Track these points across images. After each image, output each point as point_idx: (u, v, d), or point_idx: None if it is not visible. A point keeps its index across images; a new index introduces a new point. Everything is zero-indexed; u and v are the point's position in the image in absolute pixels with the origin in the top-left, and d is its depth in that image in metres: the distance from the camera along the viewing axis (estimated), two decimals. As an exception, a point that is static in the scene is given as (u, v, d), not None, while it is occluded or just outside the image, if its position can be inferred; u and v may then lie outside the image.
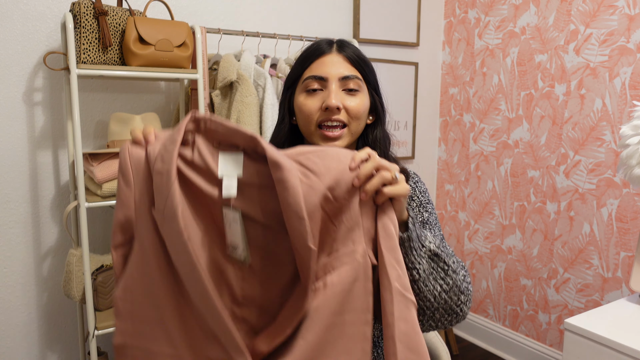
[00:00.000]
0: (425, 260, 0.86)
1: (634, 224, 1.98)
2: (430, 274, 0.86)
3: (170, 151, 0.79)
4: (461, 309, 0.90)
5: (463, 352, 2.61)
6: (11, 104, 1.69)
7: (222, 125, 0.81)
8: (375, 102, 1.05)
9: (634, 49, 1.95)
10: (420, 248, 0.86)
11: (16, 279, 1.76)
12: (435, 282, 0.87)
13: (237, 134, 0.81)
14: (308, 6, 2.28)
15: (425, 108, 2.80)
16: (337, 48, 1.02)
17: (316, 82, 0.99)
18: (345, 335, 0.80)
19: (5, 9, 1.65)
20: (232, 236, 0.82)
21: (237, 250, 0.82)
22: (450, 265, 0.88)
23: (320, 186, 0.80)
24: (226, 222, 0.82)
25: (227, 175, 0.81)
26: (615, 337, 1.30)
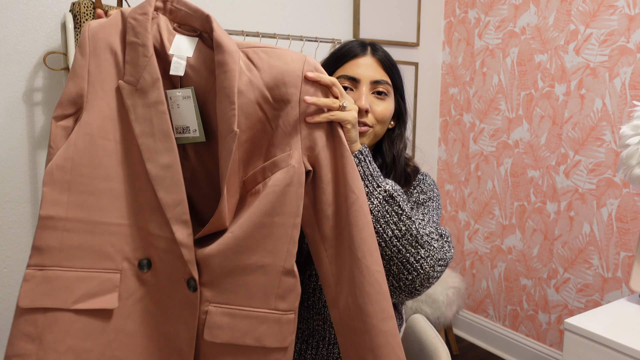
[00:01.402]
0: (378, 200, 0.88)
1: (634, 224, 1.98)
2: (382, 216, 0.88)
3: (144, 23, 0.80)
4: (421, 265, 0.88)
5: (463, 352, 2.61)
6: (11, 104, 1.69)
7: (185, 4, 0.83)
8: (400, 107, 1.10)
9: (634, 49, 1.95)
10: (375, 187, 0.88)
11: (16, 279, 1.76)
12: (386, 225, 0.88)
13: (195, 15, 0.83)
14: (308, 6, 2.28)
15: (425, 108, 2.80)
16: (371, 51, 1.06)
17: (348, 82, 1.03)
18: (273, 235, 0.83)
19: (5, 9, 1.65)
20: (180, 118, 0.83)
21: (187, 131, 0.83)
22: (406, 211, 0.88)
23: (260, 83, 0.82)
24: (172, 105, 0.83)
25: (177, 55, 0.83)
26: (615, 337, 1.30)
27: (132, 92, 0.80)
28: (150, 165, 0.80)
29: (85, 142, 0.79)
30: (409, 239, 0.87)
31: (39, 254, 0.78)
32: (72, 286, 0.79)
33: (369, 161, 0.90)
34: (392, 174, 1.07)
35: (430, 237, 0.90)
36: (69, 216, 0.79)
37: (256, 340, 0.85)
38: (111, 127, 0.81)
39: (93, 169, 0.80)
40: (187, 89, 0.83)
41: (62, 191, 0.79)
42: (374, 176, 0.89)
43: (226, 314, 0.84)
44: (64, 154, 0.79)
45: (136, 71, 0.79)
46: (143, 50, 0.79)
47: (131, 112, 0.80)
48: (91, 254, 0.81)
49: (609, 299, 2.08)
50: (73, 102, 0.80)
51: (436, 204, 1.05)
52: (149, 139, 0.80)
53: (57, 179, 0.79)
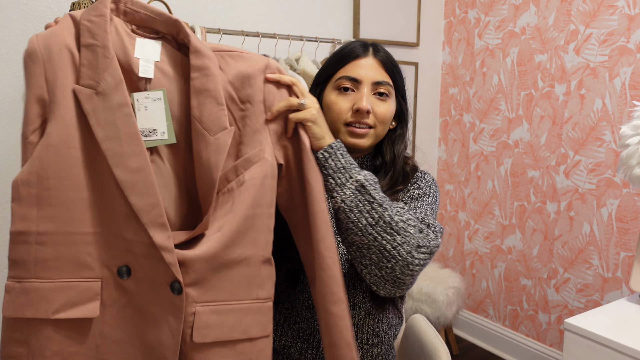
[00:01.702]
0: (350, 190, 0.90)
1: (634, 224, 1.98)
2: (355, 206, 0.89)
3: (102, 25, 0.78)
4: (398, 252, 0.88)
5: (463, 352, 2.61)
6: (11, 104, 1.69)
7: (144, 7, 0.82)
8: (402, 108, 1.11)
9: (634, 49, 1.95)
10: (348, 179, 0.90)
11: (16, 279, 1.76)
12: (360, 214, 0.89)
13: (159, 19, 0.82)
14: (308, 6, 2.28)
15: (425, 108, 2.80)
16: (373, 52, 1.06)
17: (349, 82, 1.03)
18: (254, 227, 0.86)
19: (5, 9, 1.65)
20: (146, 121, 0.82)
21: (154, 134, 0.82)
22: (377, 199, 0.90)
23: (228, 86, 0.85)
24: (138, 107, 0.81)
25: (144, 58, 0.82)
26: (615, 337, 1.30)
27: (91, 96, 0.77)
28: (118, 170, 0.78)
29: (50, 154, 0.78)
30: (383, 225, 0.88)
31: (15, 266, 0.78)
32: (50, 297, 0.79)
33: (341, 154, 0.92)
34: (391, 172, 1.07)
35: (406, 224, 0.90)
36: (40, 230, 0.78)
37: (243, 333, 0.86)
38: (74, 134, 0.79)
39: (61, 180, 0.79)
40: (157, 91, 0.82)
41: (31, 206, 0.78)
42: (347, 168, 0.91)
43: (214, 311, 0.84)
44: (29, 169, 0.77)
45: (96, 74, 0.77)
46: (103, 52, 0.77)
47: (91, 117, 0.77)
48: (68, 265, 0.80)
49: (609, 299, 2.08)
50: (38, 114, 0.78)
51: (432, 200, 1.05)
52: (114, 144, 0.78)
53: (23, 194, 0.77)
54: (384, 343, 1.10)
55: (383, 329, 1.08)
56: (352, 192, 0.90)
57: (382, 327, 1.08)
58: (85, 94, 0.77)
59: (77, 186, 0.80)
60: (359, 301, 1.04)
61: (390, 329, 1.11)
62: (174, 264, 0.80)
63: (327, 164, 0.91)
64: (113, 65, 0.77)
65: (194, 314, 0.83)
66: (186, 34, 0.82)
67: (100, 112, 0.77)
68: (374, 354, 1.08)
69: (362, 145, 1.04)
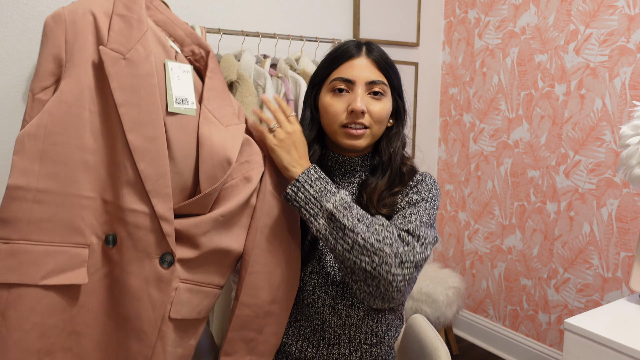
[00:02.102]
0: (323, 219, 0.91)
1: (634, 224, 1.98)
2: (330, 234, 0.91)
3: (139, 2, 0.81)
4: (378, 272, 0.88)
5: (463, 352, 2.61)
6: (11, 104, 1.69)
7: (167, 11, 0.89)
8: (398, 106, 1.11)
9: (634, 49, 1.95)
10: (319, 209, 0.91)
11: (16, 279, 1.76)
12: (335, 242, 0.90)
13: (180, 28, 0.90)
14: (308, 6, 2.28)
15: (425, 108, 2.80)
16: (366, 52, 1.06)
17: (343, 84, 1.04)
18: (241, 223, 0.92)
19: (5, 9, 1.65)
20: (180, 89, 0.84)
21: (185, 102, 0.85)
22: (348, 226, 0.90)
23: None
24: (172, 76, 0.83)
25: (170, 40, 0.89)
26: (615, 337, 1.30)
27: (117, 59, 0.77)
28: (132, 135, 0.77)
29: (61, 111, 0.76)
30: (358, 249, 0.89)
31: (5, 226, 0.74)
32: (40, 261, 0.75)
33: (310, 185, 0.92)
34: (389, 172, 1.07)
35: (382, 243, 0.89)
36: (40, 187, 0.75)
37: (197, 314, 0.89)
38: (88, 96, 0.78)
39: (68, 138, 0.77)
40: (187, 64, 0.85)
41: (34, 160, 0.75)
42: (317, 198, 0.92)
43: (188, 290, 0.87)
44: (37, 122, 0.75)
45: (127, 41, 0.78)
46: (138, 25, 0.79)
47: (113, 80, 0.77)
48: (61, 228, 0.77)
49: (609, 299, 2.08)
50: (51, 73, 0.78)
51: (429, 204, 1.05)
52: (133, 109, 0.78)
53: (28, 147, 0.75)
54: (384, 344, 1.09)
55: (382, 329, 1.08)
56: (324, 221, 0.91)
57: (381, 327, 1.08)
58: (111, 57, 0.77)
59: (82, 147, 0.78)
60: (357, 301, 1.04)
61: (390, 329, 1.11)
62: (171, 235, 0.80)
63: (297, 198, 0.92)
64: (147, 38, 0.79)
65: (175, 290, 0.84)
66: (205, 45, 0.89)
67: (124, 77, 0.78)
68: (373, 354, 1.08)
69: (358, 145, 1.04)
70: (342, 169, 1.10)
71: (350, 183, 1.10)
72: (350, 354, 1.06)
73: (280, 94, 1.87)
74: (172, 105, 0.82)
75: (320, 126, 1.09)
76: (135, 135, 0.77)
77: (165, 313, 0.83)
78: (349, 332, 1.05)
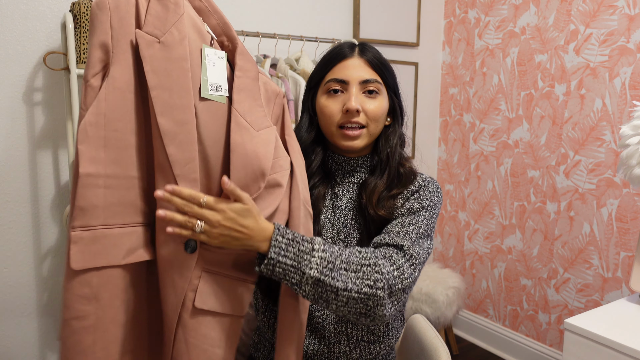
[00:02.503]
0: (308, 286, 0.86)
1: (634, 224, 1.98)
2: (320, 297, 0.87)
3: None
4: (374, 312, 0.89)
5: (463, 352, 2.61)
6: (11, 104, 1.69)
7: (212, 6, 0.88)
8: (394, 104, 1.11)
9: (634, 49, 1.95)
10: (302, 276, 0.85)
11: (16, 279, 1.76)
12: (327, 303, 0.88)
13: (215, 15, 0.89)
14: (308, 6, 2.28)
15: (425, 108, 2.80)
16: (359, 52, 1.07)
17: (337, 84, 1.04)
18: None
19: (5, 9, 1.65)
20: (215, 76, 0.84)
21: (219, 90, 0.84)
22: (339, 287, 0.86)
23: None
24: (208, 62, 0.83)
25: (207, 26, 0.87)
26: (615, 337, 1.30)
27: (151, 43, 0.78)
28: (163, 119, 0.78)
29: (116, 97, 0.78)
30: (353, 302, 0.88)
31: (82, 214, 0.77)
32: (119, 242, 0.80)
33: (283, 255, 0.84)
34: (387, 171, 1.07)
35: (374, 288, 0.88)
36: (108, 173, 0.78)
37: (231, 309, 0.87)
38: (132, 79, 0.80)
39: (125, 123, 0.79)
40: (222, 51, 0.85)
41: (98, 148, 0.78)
42: (296, 267, 0.84)
43: (215, 281, 0.85)
44: (96, 110, 0.78)
45: (163, 25, 0.79)
46: (175, 8, 0.80)
47: (147, 63, 0.78)
48: (129, 209, 0.81)
49: (609, 299, 2.08)
50: (100, 59, 0.79)
51: (429, 213, 1.04)
52: (165, 93, 0.78)
53: (91, 135, 0.77)
54: (383, 342, 1.10)
55: (380, 328, 1.08)
56: (310, 287, 0.85)
57: (379, 326, 1.08)
58: (145, 40, 0.78)
59: (136, 130, 0.81)
60: None
61: (390, 330, 1.11)
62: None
63: (275, 273, 0.85)
64: (182, 22, 0.79)
65: (199, 278, 0.83)
66: (234, 38, 0.87)
67: (157, 61, 0.78)
68: (372, 351, 1.08)
69: (356, 146, 1.04)
70: (342, 169, 1.11)
71: (351, 183, 1.11)
72: (350, 351, 1.06)
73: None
74: (207, 91, 0.82)
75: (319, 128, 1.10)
76: (165, 119, 0.78)
77: (188, 300, 0.83)
78: (346, 330, 1.05)
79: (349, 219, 1.08)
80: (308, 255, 0.85)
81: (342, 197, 1.10)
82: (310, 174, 1.06)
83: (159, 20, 0.79)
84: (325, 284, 0.85)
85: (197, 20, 0.84)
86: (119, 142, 0.79)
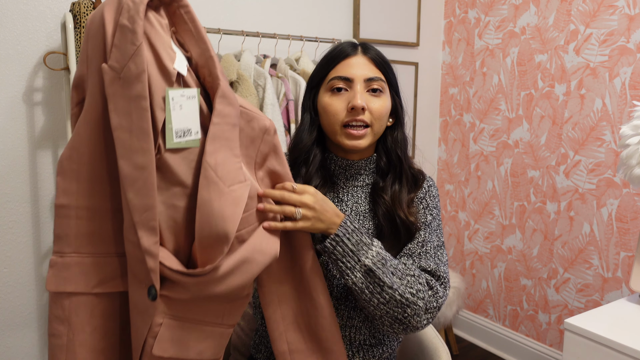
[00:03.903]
0: (360, 273, 0.92)
1: (634, 224, 1.98)
2: (366, 287, 0.93)
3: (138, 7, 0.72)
4: (409, 321, 0.95)
5: (463, 352, 2.61)
6: (11, 104, 1.69)
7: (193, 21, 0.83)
8: (396, 104, 1.10)
9: (634, 49, 1.95)
10: (357, 262, 0.92)
11: (16, 279, 1.76)
12: (371, 295, 0.93)
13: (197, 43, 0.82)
14: (308, 6, 2.28)
15: (425, 108, 2.80)
16: (362, 50, 1.06)
17: (342, 82, 1.03)
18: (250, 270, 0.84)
19: (5, 9, 1.65)
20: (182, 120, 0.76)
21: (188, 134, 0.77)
22: (387, 283, 0.92)
23: None
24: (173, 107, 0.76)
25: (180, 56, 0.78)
26: (615, 337, 1.30)
27: (114, 79, 0.73)
28: (123, 162, 0.74)
29: (88, 130, 0.78)
30: (394, 303, 0.93)
31: (58, 241, 0.81)
32: (90, 271, 0.81)
33: (347, 238, 0.93)
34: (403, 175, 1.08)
35: (416, 297, 0.95)
36: (79, 204, 0.80)
37: (198, 354, 0.84)
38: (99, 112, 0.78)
39: (95, 157, 0.79)
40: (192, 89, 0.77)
41: (72, 180, 0.79)
42: (354, 252, 0.93)
43: (179, 327, 0.82)
44: (71, 144, 0.79)
45: (123, 58, 0.72)
46: (132, 37, 0.71)
47: (110, 101, 0.74)
48: (103, 240, 0.82)
49: (609, 299, 2.08)
50: (77, 87, 0.80)
51: (437, 222, 1.10)
52: (125, 134, 0.73)
53: (66, 168, 0.79)
54: (385, 344, 1.09)
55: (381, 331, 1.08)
56: (361, 275, 0.92)
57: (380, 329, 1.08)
58: (109, 76, 0.73)
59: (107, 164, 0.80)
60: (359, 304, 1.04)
61: None
62: (155, 270, 0.76)
63: (335, 251, 0.93)
64: (139, 54, 0.71)
65: (160, 325, 0.80)
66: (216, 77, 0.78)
67: (118, 99, 0.73)
68: (375, 354, 1.08)
69: (361, 146, 1.03)
70: (345, 172, 1.09)
71: (354, 187, 1.09)
72: (353, 355, 1.06)
73: (280, 94, 1.87)
74: (171, 140, 0.76)
75: (319, 129, 1.08)
76: (125, 162, 0.74)
77: (147, 346, 0.81)
78: (349, 334, 1.05)
79: None
80: (367, 246, 0.94)
81: (347, 201, 1.08)
82: (308, 177, 1.05)
83: (119, 51, 0.72)
84: (375, 276, 0.92)
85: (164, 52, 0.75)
86: (91, 174, 0.80)
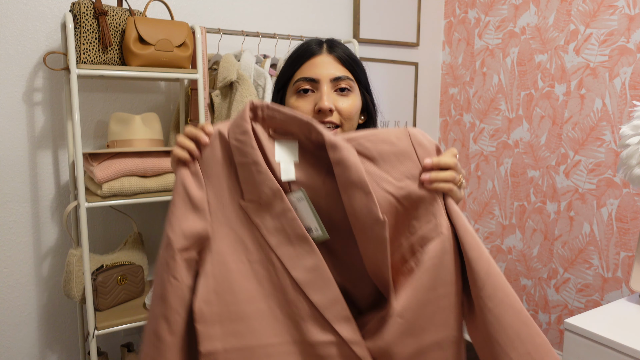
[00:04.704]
0: None
1: (634, 224, 1.98)
2: None
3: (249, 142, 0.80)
4: None
5: (463, 352, 2.61)
6: (11, 104, 1.69)
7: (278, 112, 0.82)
8: (367, 101, 1.06)
9: (634, 49, 1.95)
10: None
11: (16, 279, 1.76)
12: None
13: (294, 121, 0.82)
14: (308, 6, 2.28)
15: (425, 108, 2.80)
16: (328, 48, 1.01)
17: (307, 84, 0.98)
18: (440, 308, 0.82)
19: (5, 9, 1.65)
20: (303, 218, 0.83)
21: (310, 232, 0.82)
22: None
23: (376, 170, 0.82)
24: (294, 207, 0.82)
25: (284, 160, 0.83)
26: (615, 337, 1.30)
27: (257, 208, 0.80)
28: (295, 272, 0.79)
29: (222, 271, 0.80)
30: None
31: None
32: None
33: None
34: None
35: None
36: (227, 347, 0.79)
37: None
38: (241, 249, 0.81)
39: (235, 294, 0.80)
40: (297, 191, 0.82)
41: (214, 324, 0.79)
42: None
43: None
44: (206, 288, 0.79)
45: (255, 188, 0.80)
46: (256, 168, 0.79)
47: (262, 228, 0.80)
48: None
49: (609, 299, 2.08)
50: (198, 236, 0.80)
51: None
52: (287, 248, 0.80)
53: (207, 314, 0.79)
54: None
55: None
56: None
57: None
58: (252, 208, 0.81)
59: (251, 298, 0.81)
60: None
61: None
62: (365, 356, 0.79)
63: None
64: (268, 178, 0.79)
65: None
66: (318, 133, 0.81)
67: (267, 222, 0.80)
68: None
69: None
70: None
71: None
72: None
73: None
74: None
75: None
76: (297, 271, 0.79)
77: None
78: None
79: None
80: None
81: None
82: None
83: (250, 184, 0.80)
84: None
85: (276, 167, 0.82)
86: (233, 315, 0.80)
